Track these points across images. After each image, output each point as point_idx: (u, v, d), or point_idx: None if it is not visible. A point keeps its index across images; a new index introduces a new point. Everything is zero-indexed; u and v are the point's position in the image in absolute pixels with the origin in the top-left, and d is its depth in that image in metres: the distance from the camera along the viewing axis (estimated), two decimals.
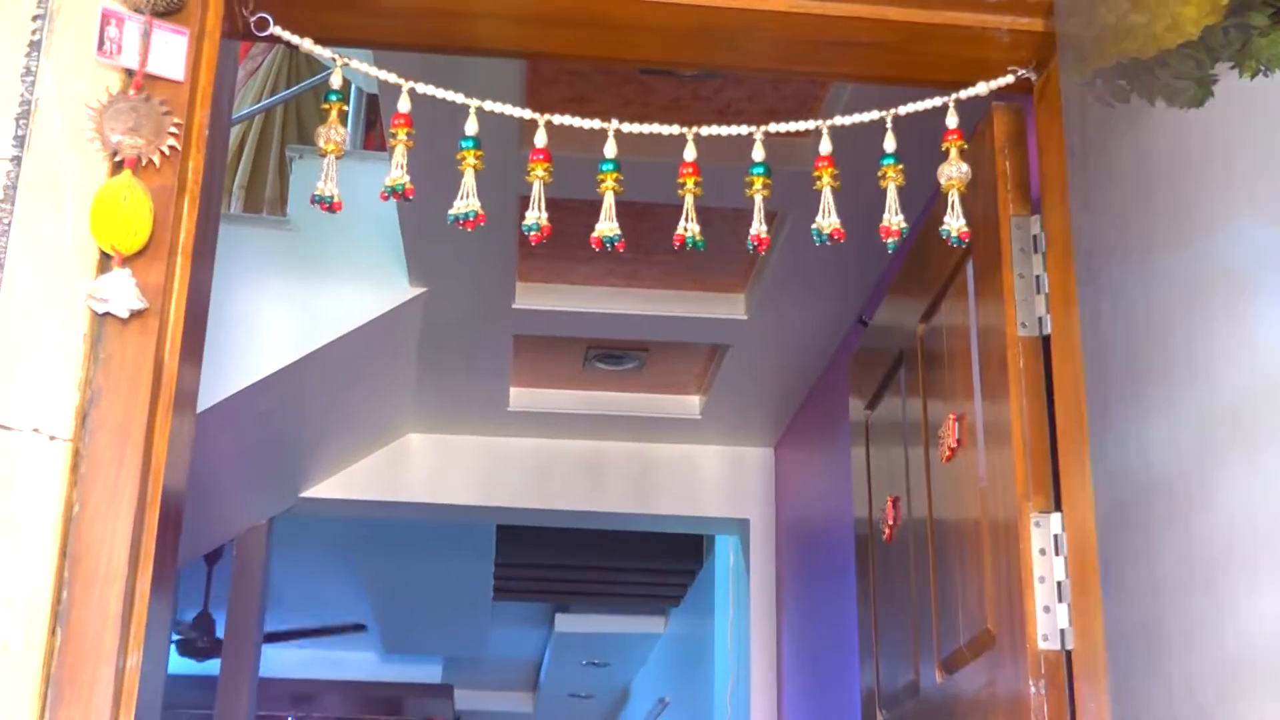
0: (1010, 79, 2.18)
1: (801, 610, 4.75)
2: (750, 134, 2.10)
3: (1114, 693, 1.76)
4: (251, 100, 5.08)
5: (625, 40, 2.21)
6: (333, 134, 2.06)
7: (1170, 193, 1.65)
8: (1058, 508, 2.05)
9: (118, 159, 1.82)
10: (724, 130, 2.12)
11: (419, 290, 4.08)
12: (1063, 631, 2.00)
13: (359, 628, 8.67)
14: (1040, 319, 2.14)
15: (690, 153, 2.09)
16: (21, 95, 1.87)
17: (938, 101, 2.14)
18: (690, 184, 2.07)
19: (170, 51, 1.88)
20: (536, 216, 2.05)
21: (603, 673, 9.58)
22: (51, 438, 1.73)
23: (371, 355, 4.34)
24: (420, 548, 6.97)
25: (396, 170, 2.04)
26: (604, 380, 4.89)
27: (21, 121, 1.86)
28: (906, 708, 2.60)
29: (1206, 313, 1.55)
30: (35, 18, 1.90)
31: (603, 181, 2.07)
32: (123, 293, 1.76)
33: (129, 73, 1.87)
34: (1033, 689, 1.99)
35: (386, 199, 2.05)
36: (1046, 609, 2.02)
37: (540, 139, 2.08)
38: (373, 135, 5.06)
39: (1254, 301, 1.46)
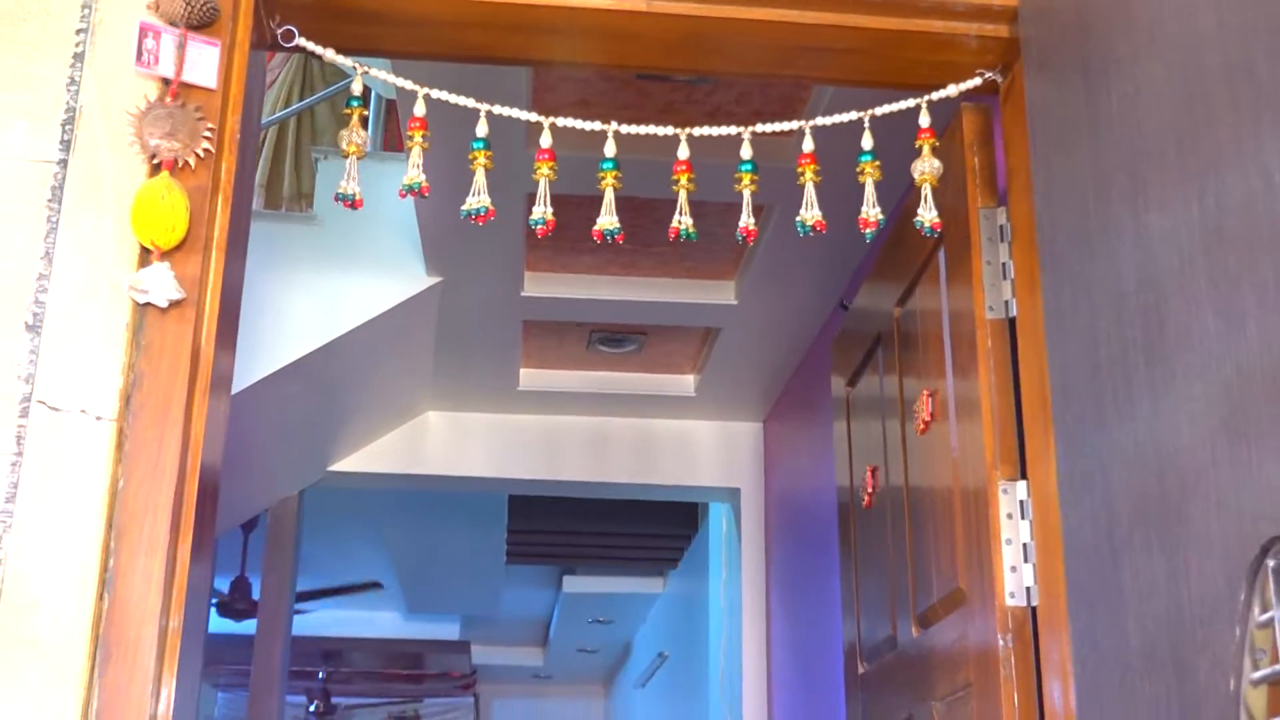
0: (978, 81, 2.17)
1: (789, 571, 4.76)
2: (739, 134, 2.10)
3: (1075, 645, 1.77)
4: (268, 110, 5.07)
5: (623, 48, 2.21)
6: (354, 137, 2.05)
7: (1126, 186, 1.65)
8: (1023, 476, 2.06)
9: (156, 161, 1.82)
10: (714, 131, 2.11)
11: (435, 280, 4.07)
12: (1028, 589, 2.00)
13: (376, 585, 8.67)
14: (1006, 303, 2.14)
15: (684, 151, 2.08)
16: (66, 103, 1.86)
17: (911, 103, 2.14)
18: (684, 180, 2.07)
19: (204, 61, 1.88)
20: (543, 211, 2.05)
21: (607, 629, 9.61)
22: (97, 418, 1.73)
23: (392, 340, 4.34)
24: (438, 516, 6.98)
25: (413, 170, 2.03)
26: (606, 361, 4.90)
27: (67, 127, 1.85)
28: (885, 660, 2.60)
29: (1160, 296, 1.55)
30: (78, 31, 1.90)
31: (603, 179, 2.06)
32: (162, 284, 1.76)
33: (165, 81, 1.87)
34: (1001, 642, 1.99)
35: (404, 196, 2.05)
36: (1013, 568, 2.02)
37: (545, 140, 2.08)
38: (388, 136, 5.04)
39: (1205, 287, 1.46)
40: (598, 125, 2.11)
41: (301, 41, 2.07)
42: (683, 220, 2.06)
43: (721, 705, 5.49)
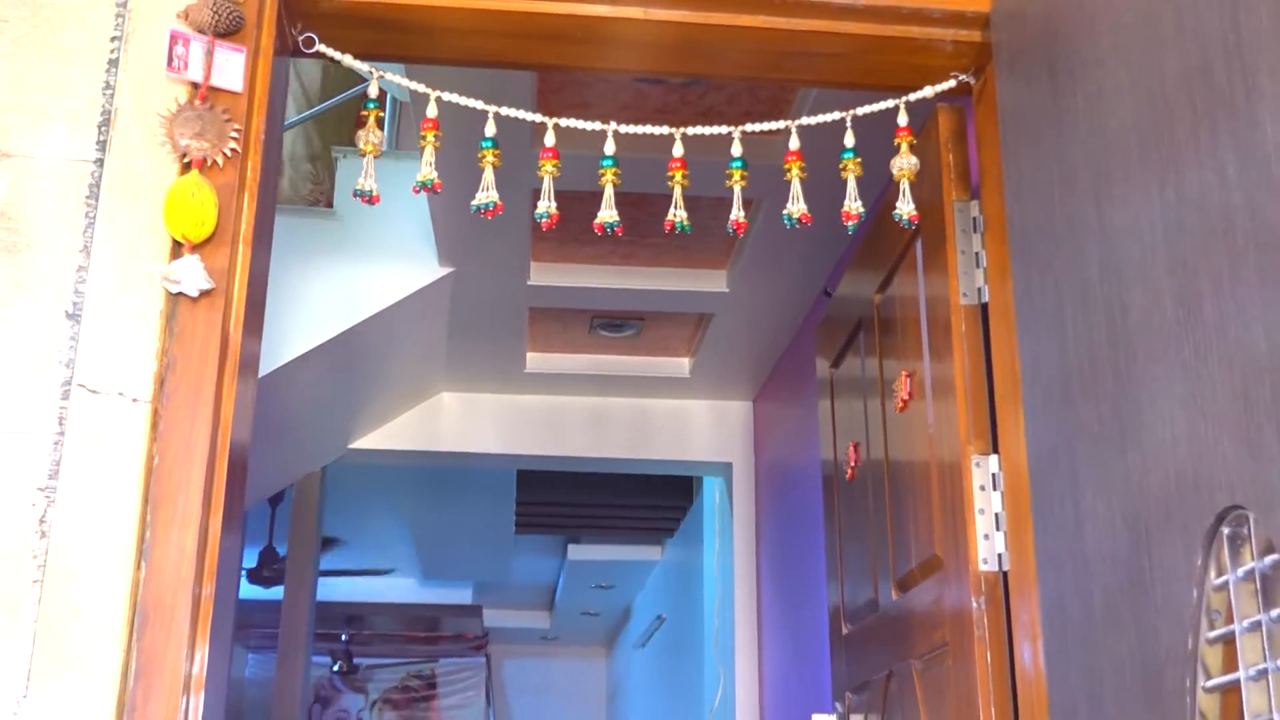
0: (953, 83, 2.17)
1: (777, 540, 4.77)
2: (729, 133, 2.09)
3: (1044, 607, 1.77)
4: None
5: (622, 53, 2.20)
6: (371, 137, 2.05)
7: (1091, 181, 1.65)
8: (995, 450, 2.06)
9: (186, 160, 1.82)
10: (707, 130, 2.11)
11: (448, 270, 4.07)
12: (1000, 555, 2.01)
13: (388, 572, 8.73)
14: (979, 289, 2.14)
15: (678, 150, 2.08)
16: (102, 106, 1.86)
17: (890, 103, 2.13)
18: (678, 177, 2.06)
19: (230, 67, 1.87)
20: (547, 206, 2.04)
21: (609, 594, 9.62)
22: (134, 400, 1.73)
23: (408, 326, 4.34)
24: (452, 490, 6.99)
25: (426, 167, 2.03)
26: (606, 345, 4.90)
27: (103, 129, 1.85)
28: (867, 621, 2.61)
29: (1122, 284, 1.55)
30: (113, 39, 1.89)
31: (603, 175, 2.06)
32: (193, 275, 1.76)
33: (194, 85, 1.86)
34: (974, 604, 2.00)
35: (418, 192, 2.04)
36: (986, 536, 2.02)
37: (549, 139, 2.07)
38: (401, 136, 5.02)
39: (1165, 275, 1.45)
40: (598, 125, 2.10)
41: (321, 48, 2.06)
42: (678, 214, 2.05)
43: (715, 664, 5.50)
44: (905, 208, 2.07)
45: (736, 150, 2.07)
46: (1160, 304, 1.45)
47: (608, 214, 2.05)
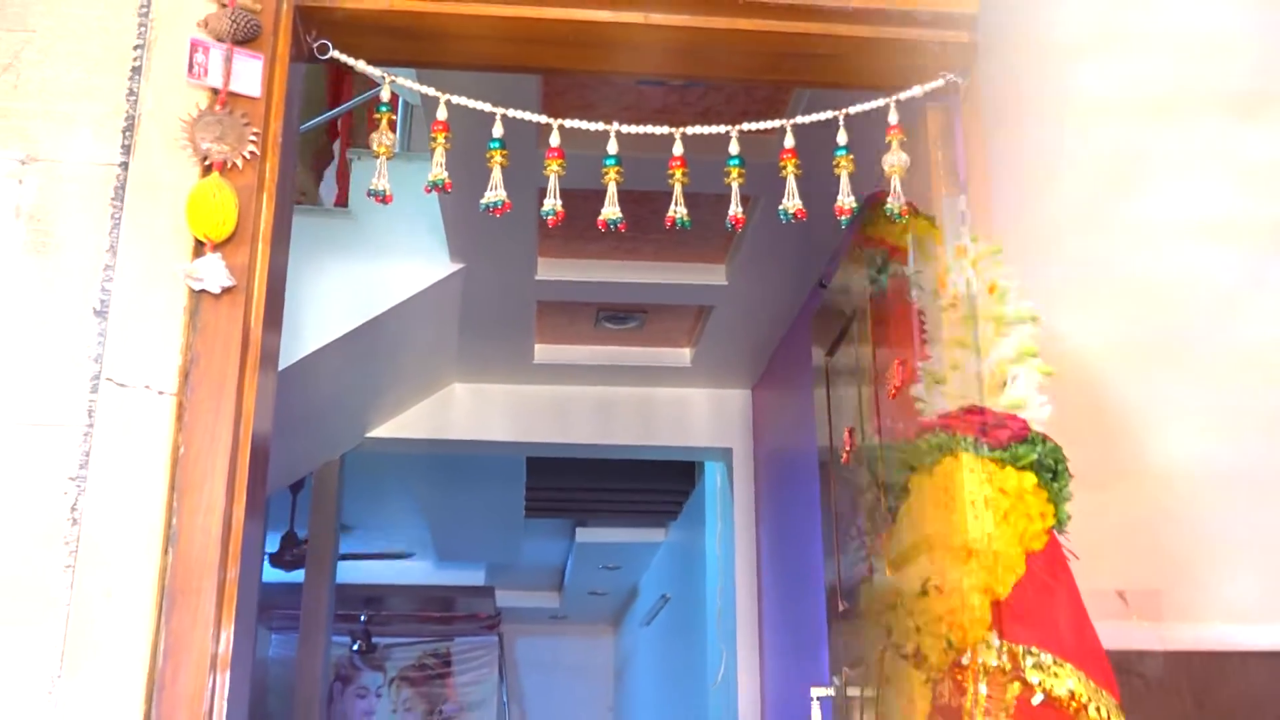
0: (941, 83, 2.16)
1: (776, 521, 4.77)
2: (727, 132, 2.09)
3: None
4: None
5: (624, 57, 2.20)
6: (384, 139, 2.05)
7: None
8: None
9: (207, 163, 1.82)
10: (706, 129, 2.11)
11: (459, 266, 4.07)
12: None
13: (407, 555, 8.76)
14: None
15: (678, 149, 2.08)
16: (127, 112, 1.86)
17: (881, 102, 2.13)
18: (679, 174, 2.06)
19: (248, 73, 1.87)
20: (553, 203, 2.04)
21: (615, 575, 9.63)
22: (160, 393, 1.73)
23: (420, 320, 4.34)
24: (465, 476, 6.99)
25: (437, 168, 2.03)
26: (611, 337, 4.90)
27: (127, 133, 1.85)
28: (862, 598, 2.61)
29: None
30: (136, 47, 1.90)
31: (606, 174, 2.06)
32: (215, 273, 1.76)
33: (214, 91, 1.86)
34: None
35: (429, 191, 2.04)
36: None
37: (555, 139, 2.07)
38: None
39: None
40: (601, 126, 2.10)
41: (335, 54, 2.06)
42: (678, 210, 2.05)
43: (717, 641, 5.51)
44: (896, 202, 2.07)
45: (734, 149, 2.07)
46: None
47: (611, 211, 2.05)
